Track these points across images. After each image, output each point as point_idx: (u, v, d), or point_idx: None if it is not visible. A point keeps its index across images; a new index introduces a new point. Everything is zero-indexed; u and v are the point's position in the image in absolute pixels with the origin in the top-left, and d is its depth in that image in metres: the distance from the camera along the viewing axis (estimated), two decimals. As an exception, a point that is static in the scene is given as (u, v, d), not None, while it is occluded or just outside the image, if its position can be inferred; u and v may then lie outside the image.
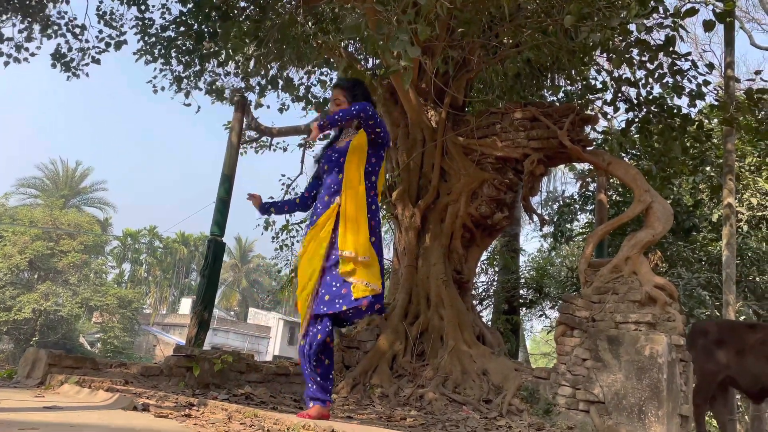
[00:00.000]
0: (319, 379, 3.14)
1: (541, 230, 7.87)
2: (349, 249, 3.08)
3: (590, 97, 7.64)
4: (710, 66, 5.95)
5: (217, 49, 7.16)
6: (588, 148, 6.10)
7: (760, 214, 11.43)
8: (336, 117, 3.23)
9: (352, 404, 5.12)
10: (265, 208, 3.62)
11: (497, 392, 5.45)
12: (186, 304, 36.59)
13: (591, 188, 11.56)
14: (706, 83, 6.25)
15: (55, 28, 9.00)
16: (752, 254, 11.09)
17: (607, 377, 4.86)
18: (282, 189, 10.96)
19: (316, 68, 8.10)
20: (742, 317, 10.81)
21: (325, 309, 3.09)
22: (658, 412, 4.58)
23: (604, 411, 4.81)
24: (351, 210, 3.17)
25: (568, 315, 5.31)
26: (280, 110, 8.43)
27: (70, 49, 9.21)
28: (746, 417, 10.21)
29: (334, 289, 3.09)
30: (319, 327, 3.11)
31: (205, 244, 7.07)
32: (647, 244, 5.23)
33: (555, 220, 12.96)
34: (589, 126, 7.06)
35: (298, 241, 11.52)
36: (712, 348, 5.38)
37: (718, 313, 9.90)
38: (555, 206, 13.44)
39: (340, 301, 3.06)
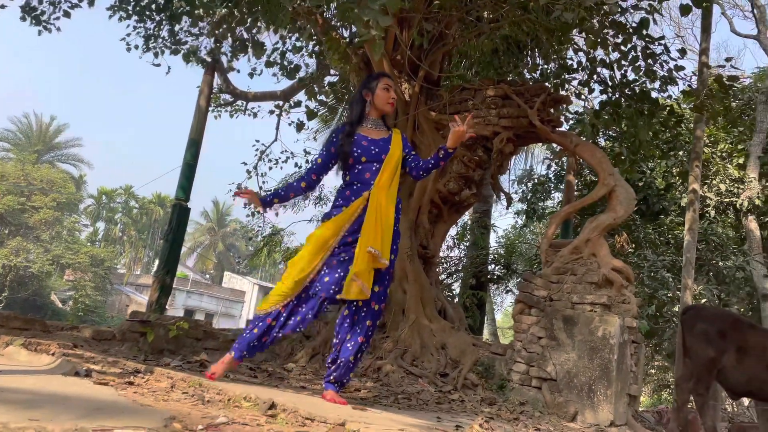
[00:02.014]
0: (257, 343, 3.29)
1: (507, 208, 7.93)
2: (377, 247, 3.12)
3: (566, 76, 7.62)
4: (682, 51, 5.96)
5: (189, 8, 6.97)
6: (557, 129, 6.11)
7: (727, 200, 11.64)
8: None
9: (309, 374, 5.16)
10: (267, 201, 3.42)
11: (454, 366, 5.53)
12: (160, 266, 36.38)
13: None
14: (679, 68, 6.26)
15: (23, -23, 8.67)
16: (717, 239, 11.31)
17: (561, 356, 4.96)
18: (256, 155, 10.86)
19: (291, 33, 7.94)
20: (704, 300, 11.08)
21: (319, 290, 3.21)
22: (607, 391, 4.70)
23: (556, 388, 4.93)
24: (381, 211, 3.19)
25: (527, 294, 5.38)
26: (251, 75, 8.28)
27: (40, 2, 8.90)
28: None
29: (336, 275, 3.19)
30: (317, 308, 3.27)
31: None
32: (608, 227, 5.29)
33: (528, 198, 13.07)
34: (563, 106, 7.07)
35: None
36: (712, 336, 5.34)
37: (680, 295, 10.12)
38: (529, 184, 13.52)
39: (336, 288, 3.19)
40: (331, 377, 3.31)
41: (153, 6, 7.67)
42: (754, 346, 5.28)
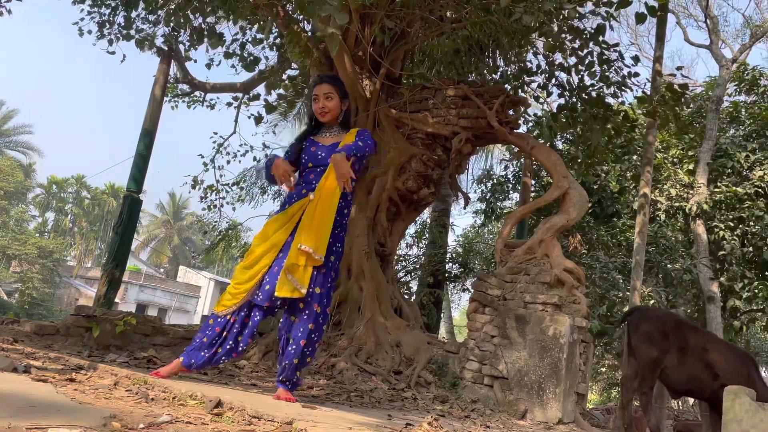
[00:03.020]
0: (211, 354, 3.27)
1: (465, 208, 8.02)
2: (308, 245, 3.10)
3: (525, 79, 7.72)
4: (635, 59, 6.11)
5: (144, -5, 6.78)
6: (515, 131, 6.18)
7: (677, 204, 12.02)
8: (361, 154, 3.27)
9: (261, 371, 5.10)
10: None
11: (408, 364, 5.55)
12: (112, 259, 35.48)
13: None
14: (634, 75, 6.43)
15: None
16: (666, 242, 11.67)
17: (512, 354, 5.03)
18: (214, 147, 10.67)
19: (250, 25, 7.80)
20: (652, 301, 11.42)
21: (261, 299, 3.18)
22: (556, 390, 4.79)
23: (507, 386, 4.99)
24: (321, 209, 3.18)
25: (481, 293, 5.44)
26: (208, 66, 8.10)
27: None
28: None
29: (258, 298, 3.19)
30: (257, 318, 3.25)
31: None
32: (561, 228, 5.39)
33: (487, 198, 13.22)
34: (522, 108, 7.16)
35: (227, 203, 11.28)
36: (656, 336, 5.48)
37: (629, 296, 10.41)
38: (488, 184, 13.68)
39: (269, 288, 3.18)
40: (281, 377, 3.30)
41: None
42: (694, 347, 5.47)
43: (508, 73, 8.61)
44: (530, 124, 9.59)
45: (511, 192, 13.47)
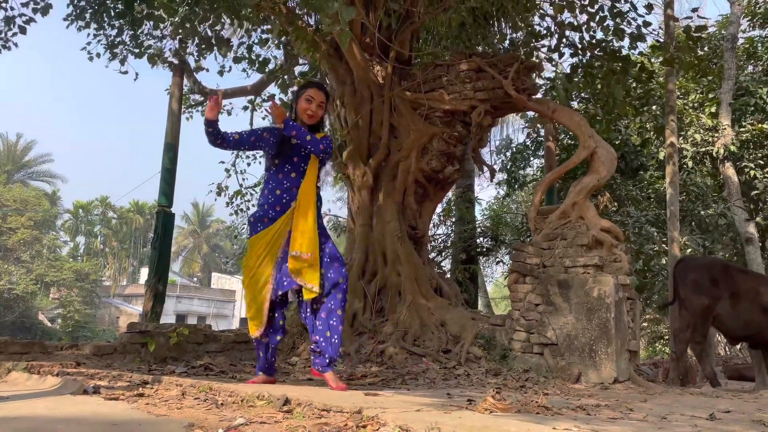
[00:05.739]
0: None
1: (492, 181, 7.97)
2: (298, 249, 3.35)
3: (535, 43, 7.61)
4: (649, 7, 5.99)
5: (149, 11, 6.82)
6: (533, 97, 6.12)
7: (703, 149, 11.80)
8: (305, 140, 3.40)
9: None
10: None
11: (456, 342, 5.58)
12: (146, 274, 36.09)
13: (543, 134, 11.69)
14: (646, 24, 6.30)
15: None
16: (697, 189, 11.49)
17: (559, 320, 5.03)
18: (232, 153, 10.74)
19: (255, 27, 7.82)
20: (689, 250, 11.28)
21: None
22: (608, 350, 4.78)
23: (558, 352, 5.00)
24: (303, 211, 3.41)
25: (520, 263, 5.43)
26: (221, 73, 8.17)
27: (-5, 21, 8.60)
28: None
29: (284, 283, 3.43)
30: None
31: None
32: (593, 188, 5.34)
33: (508, 167, 13.12)
34: (535, 74, 7.07)
35: (252, 205, 11.37)
36: (704, 284, 5.40)
37: (666, 248, 10.28)
38: (508, 153, 13.56)
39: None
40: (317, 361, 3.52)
41: (112, 12, 7.48)
42: (747, 291, 5.40)
43: (517, 40, 8.50)
44: (543, 88, 9.45)
45: (531, 159, 13.36)
